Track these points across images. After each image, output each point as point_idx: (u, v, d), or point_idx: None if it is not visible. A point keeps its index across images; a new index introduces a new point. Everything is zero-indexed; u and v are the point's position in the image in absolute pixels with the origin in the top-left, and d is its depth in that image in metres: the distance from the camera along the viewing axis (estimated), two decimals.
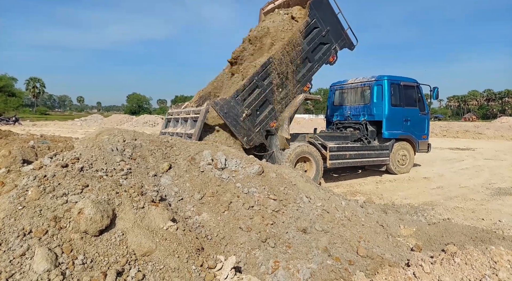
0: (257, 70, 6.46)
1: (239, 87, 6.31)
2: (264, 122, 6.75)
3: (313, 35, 7.17)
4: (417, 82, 9.48)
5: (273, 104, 6.82)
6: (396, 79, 9.02)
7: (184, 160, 4.13)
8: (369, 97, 9.13)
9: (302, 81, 7.22)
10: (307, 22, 7.00)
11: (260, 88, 6.55)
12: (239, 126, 6.33)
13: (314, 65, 7.35)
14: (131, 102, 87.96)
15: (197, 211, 3.34)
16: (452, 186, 7.18)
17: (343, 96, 10.09)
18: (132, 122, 36.15)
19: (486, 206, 5.50)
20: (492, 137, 22.34)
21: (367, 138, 8.66)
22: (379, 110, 8.79)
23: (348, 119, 9.56)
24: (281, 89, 6.92)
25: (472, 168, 9.65)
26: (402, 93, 9.05)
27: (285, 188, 4.27)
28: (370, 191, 6.83)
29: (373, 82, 9.03)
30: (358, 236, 3.66)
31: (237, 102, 6.26)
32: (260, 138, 6.75)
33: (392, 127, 8.81)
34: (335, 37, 7.52)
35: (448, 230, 4.10)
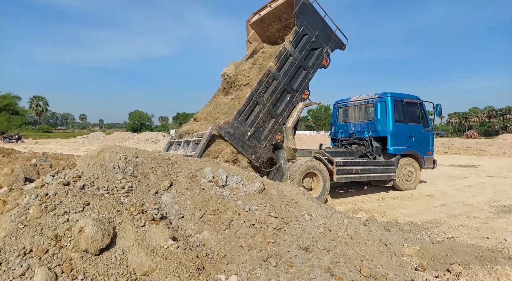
0: (254, 87, 6.48)
1: (240, 107, 6.31)
2: (269, 137, 6.77)
3: (303, 42, 7.20)
4: (420, 99, 9.58)
5: (275, 117, 6.85)
6: (399, 96, 9.15)
7: (185, 177, 4.13)
8: (373, 114, 9.24)
9: (300, 90, 7.25)
10: (296, 31, 7.02)
11: (260, 104, 6.58)
12: (246, 145, 6.35)
13: (309, 72, 7.37)
14: (133, 119, 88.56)
15: (197, 229, 3.32)
16: (456, 203, 7.11)
17: (347, 114, 10.20)
18: (134, 140, 36.28)
19: (490, 224, 5.42)
20: (495, 154, 22.26)
21: (372, 154, 8.72)
22: (383, 126, 8.87)
23: (353, 136, 9.63)
24: (281, 102, 6.96)
25: (475, 185, 9.58)
26: (406, 110, 9.15)
27: (287, 205, 4.24)
28: (373, 209, 6.76)
29: (376, 99, 9.14)
30: (361, 255, 3.61)
31: (240, 122, 6.29)
32: (268, 154, 6.76)
33: (397, 143, 8.86)
34: (325, 40, 7.56)
35: (452, 249, 4.03)
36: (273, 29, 8.33)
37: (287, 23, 7.78)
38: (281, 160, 6.96)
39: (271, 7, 7.86)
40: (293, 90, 7.14)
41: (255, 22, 8.55)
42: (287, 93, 7.08)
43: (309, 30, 7.23)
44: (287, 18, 7.71)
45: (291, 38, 6.96)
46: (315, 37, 7.33)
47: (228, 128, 6.11)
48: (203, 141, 5.99)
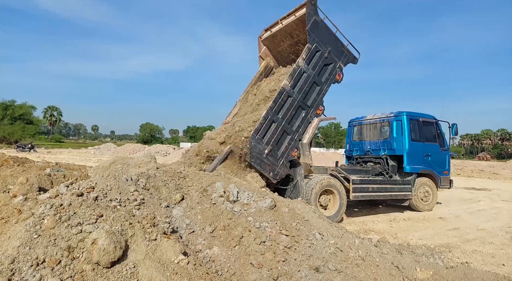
0: (270, 106, 6.56)
1: (256, 126, 6.38)
2: (286, 154, 6.79)
3: (316, 59, 7.27)
4: (436, 119, 9.56)
5: (291, 134, 6.89)
6: (415, 115, 9.14)
7: (196, 191, 4.14)
8: (388, 133, 9.22)
9: (314, 106, 7.29)
10: (309, 48, 7.10)
11: (276, 122, 6.64)
12: (263, 163, 6.39)
13: (323, 88, 7.42)
14: (144, 131, 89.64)
15: (208, 244, 3.30)
16: (469, 228, 6.91)
17: (362, 132, 10.20)
18: (144, 152, 36.62)
19: (506, 251, 5.23)
20: (509, 178, 21.71)
21: (388, 172, 8.66)
22: (399, 144, 8.83)
23: (368, 154, 9.60)
24: (296, 118, 7.03)
25: (489, 209, 9.32)
26: (422, 129, 9.13)
27: (298, 223, 4.20)
28: (384, 230, 6.61)
29: (392, 117, 9.16)
30: (372, 278, 3.52)
31: (257, 141, 6.33)
32: (285, 170, 6.76)
33: (413, 162, 8.77)
34: (337, 55, 7.63)
35: (467, 275, 3.90)
36: (285, 45, 8.47)
37: (299, 39, 7.94)
38: (298, 177, 6.92)
39: (282, 24, 7.98)
40: (308, 107, 7.19)
41: (266, 39, 8.71)
42: (302, 110, 7.13)
43: (321, 47, 7.32)
44: (298, 35, 7.86)
45: (304, 55, 7.04)
46: (327, 53, 7.41)
47: (245, 148, 6.18)
48: (219, 157, 6.11)
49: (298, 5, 7.39)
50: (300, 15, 7.29)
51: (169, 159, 28.48)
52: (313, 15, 7.10)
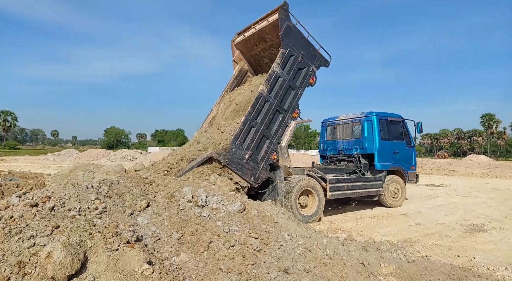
0: (248, 111, 6.60)
1: (236, 132, 6.42)
2: (266, 157, 6.90)
3: (290, 63, 7.43)
4: (402, 118, 10.08)
5: (270, 138, 7.01)
6: (383, 115, 9.60)
7: (163, 197, 4.03)
8: (360, 132, 9.62)
9: (290, 109, 7.45)
10: (283, 53, 7.23)
11: (255, 127, 6.73)
12: (244, 169, 6.44)
13: (298, 91, 7.60)
14: (109, 136, 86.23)
15: (175, 251, 3.21)
16: (429, 223, 7.28)
17: (335, 132, 10.56)
18: (109, 157, 35.16)
19: (461, 243, 5.58)
20: (464, 174, 23.23)
21: (361, 170, 9.05)
22: (370, 144, 9.25)
23: (342, 153, 9.98)
24: (274, 122, 7.16)
25: (447, 204, 9.89)
26: (390, 128, 9.61)
27: (267, 225, 4.20)
28: (351, 228, 6.80)
29: (363, 118, 9.55)
30: (340, 276, 3.60)
31: (237, 147, 6.37)
32: (266, 174, 6.86)
33: (383, 160, 9.25)
34: (310, 59, 7.81)
35: (427, 268, 4.10)
36: (258, 49, 8.59)
37: (272, 43, 8.10)
38: (278, 179, 7.05)
39: (255, 28, 8.08)
40: (285, 110, 7.34)
41: (239, 43, 8.76)
42: (279, 114, 7.27)
43: (294, 51, 7.46)
44: (271, 39, 8.01)
45: (278, 60, 7.16)
46: (301, 57, 7.58)
47: (226, 153, 6.18)
48: (198, 160, 6.06)
49: (270, 11, 7.53)
50: (273, 20, 7.42)
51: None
52: (285, 20, 7.23)
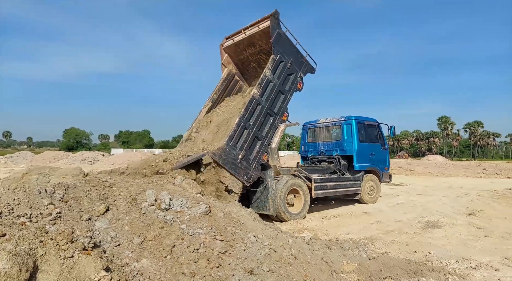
0: (242, 113, 6.90)
1: (230, 133, 6.67)
2: (258, 158, 7.20)
3: (280, 69, 7.80)
4: (377, 122, 10.81)
5: (261, 139, 7.34)
6: (361, 119, 10.27)
7: (124, 201, 3.88)
8: (340, 135, 10.24)
9: (280, 113, 7.82)
10: (273, 59, 7.59)
11: (248, 129, 7.04)
12: (238, 168, 6.70)
13: (287, 96, 8.00)
14: (68, 137, 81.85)
15: (136, 257, 3.10)
16: (389, 220, 7.63)
17: (315, 134, 11.08)
18: (68, 159, 33.32)
19: (418, 239, 5.89)
20: (422, 174, 24.62)
21: (340, 170, 9.63)
22: (349, 146, 9.86)
23: (322, 154, 10.53)
24: (265, 124, 7.51)
25: (406, 202, 10.42)
26: (367, 131, 10.30)
27: (233, 227, 4.19)
28: (316, 227, 6.95)
29: (343, 121, 10.16)
30: (304, 275, 3.66)
31: (231, 147, 6.64)
32: (257, 174, 7.14)
33: (361, 161, 9.92)
34: (298, 65, 8.26)
35: (386, 264, 4.29)
36: (247, 53, 8.93)
37: (261, 48, 8.47)
38: (268, 179, 7.35)
39: (245, 34, 8.37)
40: (275, 113, 7.70)
41: (228, 47, 9.03)
42: (270, 116, 7.61)
43: (284, 58, 7.86)
44: (261, 45, 8.37)
45: (270, 66, 7.52)
46: (290, 63, 8.00)
47: (221, 153, 6.43)
48: (194, 156, 6.26)
49: (261, 18, 7.86)
50: (264, 27, 7.74)
51: (97, 166, 26.35)
52: (276, 28, 7.61)
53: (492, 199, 11.14)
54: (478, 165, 30.61)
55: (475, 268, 4.36)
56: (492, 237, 6.05)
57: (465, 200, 10.91)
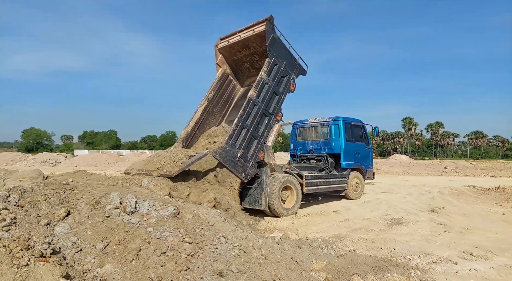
0: (240, 114, 7.32)
1: (230, 132, 7.12)
2: (254, 156, 7.62)
3: (275, 71, 8.26)
4: (362, 122, 11.42)
5: (257, 138, 7.78)
6: (348, 119, 10.84)
7: (87, 204, 3.71)
8: (328, 134, 10.80)
9: (274, 113, 8.28)
10: (269, 62, 8.02)
11: (246, 128, 7.46)
12: (236, 166, 7.14)
13: (280, 97, 8.46)
14: (28, 138, 77.25)
15: (99, 262, 2.97)
16: (357, 218, 7.86)
17: (305, 133, 11.62)
18: (27, 161, 31.43)
19: (383, 236, 6.12)
20: (388, 173, 25.66)
21: (328, 168, 10.18)
22: (337, 145, 10.44)
23: (311, 153, 11.07)
24: (261, 124, 7.96)
25: (373, 201, 10.79)
26: (353, 131, 10.90)
27: (202, 229, 4.12)
28: (287, 227, 7.02)
29: (331, 122, 10.74)
30: (273, 275, 3.67)
31: (231, 146, 7.09)
32: (254, 171, 7.55)
33: (348, 159, 10.52)
34: (291, 68, 8.75)
35: (353, 261, 4.41)
36: (241, 54, 9.36)
37: (255, 50, 8.93)
38: (264, 175, 7.66)
39: (240, 36, 8.78)
40: (270, 113, 8.14)
41: (223, 48, 9.41)
42: (265, 117, 8.05)
43: (278, 61, 8.34)
44: (255, 47, 8.81)
45: (265, 68, 7.94)
46: (283, 66, 8.47)
47: (222, 152, 6.87)
48: (198, 156, 6.61)
49: (256, 22, 8.34)
50: (259, 31, 8.16)
51: (59, 168, 25.06)
52: (271, 32, 8.05)
53: (452, 196, 11.83)
54: (439, 164, 32.41)
55: (436, 262, 4.59)
56: (452, 232, 6.40)
57: (427, 197, 11.49)
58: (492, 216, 7.99)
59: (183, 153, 7.14)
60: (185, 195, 5.95)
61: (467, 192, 13.08)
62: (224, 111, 9.82)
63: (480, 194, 12.48)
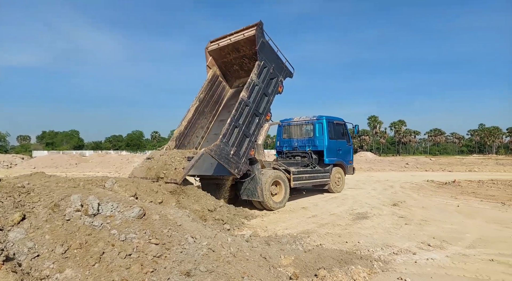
0: (232, 114, 7.79)
1: (224, 131, 7.54)
2: (246, 153, 8.15)
3: (264, 74, 8.81)
4: (344, 121, 12.17)
5: (249, 137, 8.31)
6: (331, 118, 11.57)
7: (45, 207, 3.53)
8: (312, 132, 11.47)
9: (264, 113, 8.84)
10: (258, 65, 8.57)
11: (238, 127, 7.96)
12: (230, 162, 7.61)
13: (270, 98, 9.03)
14: None
15: (58, 267, 2.84)
16: (324, 214, 8.09)
17: (290, 131, 12.26)
18: None
19: (349, 230, 6.35)
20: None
21: (313, 164, 10.80)
22: (321, 142, 11.16)
23: (296, 150, 11.71)
24: (252, 123, 8.48)
25: (339, 196, 11.14)
26: (335, 129, 11.64)
27: (169, 229, 4.05)
28: (256, 224, 7.07)
29: (315, 120, 11.39)
30: (242, 272, 3.69)
31: (225, 144, 7.53)
32: (246, 167, 8.10)
33: (330, 155, 11.28)
34: (279, 71, 9.35)
35: (320, 255, 4.54)
36: (231, 57, 9.87)
37: (244, 54, 9.46)
38: (256, 171, 8.31)
39: (230, 40, 9.31)
40: (260, 113, 8.69)
41: (213, 50, 9.91)
42: (256, 116, 8.58)
43: (267, 64, 8.91)
44: (244, 50, 9.34)
45: (256, 71, 8.46)
46: (272, 68, 9.06)
47: (217, 150, 7.29)
48: (196, 158, 7.01)
49: (246, 26, 8.85)
50: (249, 35, 8.67)
51: (15, 170, 23.50)
52: (261, 37, 8.61)
53: (412, 190, 12.50)
54: (401, 160, 34.10)
55: (397, 253, 4.84)
56: (411, 224, 6.77)
57: (390, 192, 12.06)
58: (448, 208, 8.54)
59: (179, 155, 7.53)
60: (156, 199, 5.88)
61: (426, 186, 13.88)
62: (214, 111, 10.22)
63: (438, 188, 13.30)
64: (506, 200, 9.63)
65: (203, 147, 9.10)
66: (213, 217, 6.88)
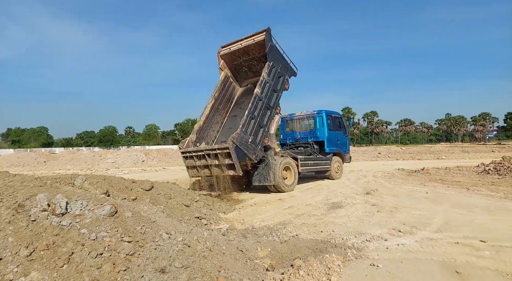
0: (249, 107, 9.17)
1: (243, 122, 8.91)
2: (261, 141, 9.61)
3: (273, 73, 10.27)
4: (340, 114, 13.94)
5: (263, 127, 9.78)
6: (329, 112, 13.09)
7: (7, 208, 3.34)
8: (313, 125, 12.91)
9: (274, 106, 10.32)
10: (268, 65, 10.04)
11: (254, 119, 9.38)
12: (249, 149, 8.96)
13: (278, 93, 10.56)
14: None
15: (23, 271, 2.71)
16: (300, 204, 8.21)
17: (292, 125, 13.74)
18: None
19: (324, 220, 6.48)
20: None
21: (315, 152, 12.40)
22: (321, 133, 12.63)
23: (299, 141, 13.21)
24: (265, 116, 9.94)
25: (314, 187, 11.36)
26: (334, 121, 13.18)
27: (143, 226, 3.97)
28: (233, 218, 7.08)
29: (315, 114, 12.85)
30: (218, 266, 3.69)
31: (245, 133, 8.93)
32: (261, 153, 9.57)
33: (330, 145, 12.76)
34: (285, 70, 10.84)
35: (296, 245, 4.61)
36: (241, 60, 11.42)
37: (253, 56, 11.05)
38: (269, 157, 9.79)
39: (241, 44, 10.78)
40: (271, 107, 10.18)
41: (225, 54, 11.34)
42: (268, 109, 10.05)
43: (275, 64, 10.40)
44: (254, 54, 10.92)
45: (266, 70, 9.95)
46: (279, 68, 10.54)
47: (238, 138, 8.64)
48: (233, 152, 8.46)
49: (255, 32, 10.35)
50: (259, 40, 10.19)
51: None
52: (269, 41, 10.15)
53: (384, 179, 12.94)
54: (374, 150, 35.15)
55: (369, 240, 4.99)
56: (383, 212, 7.00)
57: (363, 181, 12.43)
58: (417, 195, 8.92)
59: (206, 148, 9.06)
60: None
61: (397, 175, 14.41)
62: (227, 108, 11.64)
63: (408, 176, 13.85)
64: (470, 186, 10.18)
65: (219, 140, 10.78)
66: (189, 212, 6.81)
